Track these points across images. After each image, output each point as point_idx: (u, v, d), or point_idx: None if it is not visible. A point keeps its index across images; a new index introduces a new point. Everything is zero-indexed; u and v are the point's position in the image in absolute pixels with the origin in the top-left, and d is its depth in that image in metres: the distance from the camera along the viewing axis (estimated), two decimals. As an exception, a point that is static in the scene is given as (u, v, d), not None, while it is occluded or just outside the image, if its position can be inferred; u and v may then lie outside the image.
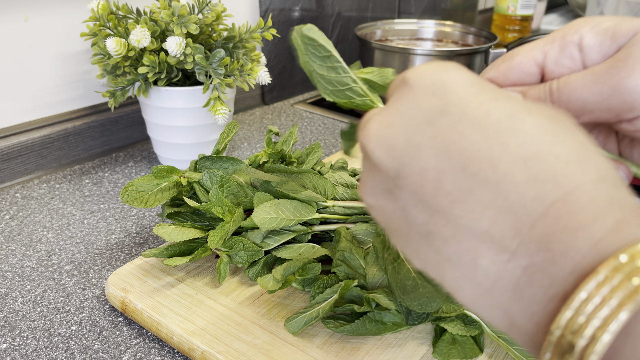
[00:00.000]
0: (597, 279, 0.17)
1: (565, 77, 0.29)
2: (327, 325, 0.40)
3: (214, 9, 0.64)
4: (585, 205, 0.19)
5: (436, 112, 0.21)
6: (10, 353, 0.41)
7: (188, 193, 0.50)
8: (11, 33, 0.64)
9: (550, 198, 0.19)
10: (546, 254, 0.19)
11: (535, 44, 0.31)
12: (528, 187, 0.19)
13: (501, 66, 0.31)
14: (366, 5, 1.13)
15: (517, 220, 0.19)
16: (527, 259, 0.19)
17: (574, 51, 0.30)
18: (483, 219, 0.20)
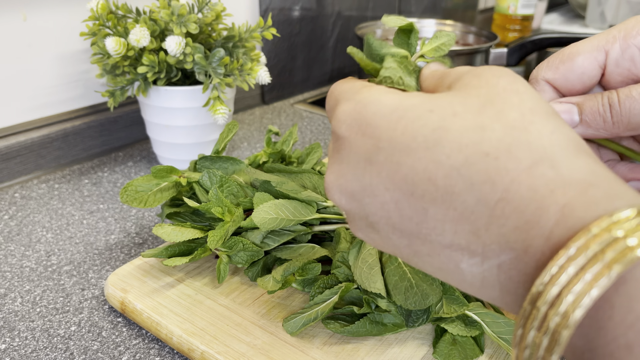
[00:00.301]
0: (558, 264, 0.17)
1: (626, 90, 0.28)
2: (327, 326, 0.40)
3: (213, 8, 0.64)
4: (526, 199, 0.19)
5: (372, 151, 0.22)
6: (10, 353, 0.41)
7: (187, 193, 0.50)
8: (10, 32, 0.64)
9: (492, 199, 0.19)
10: (510, 252, 0.19)
11: (595, 43, 0.30)
12: (468, 194, 0.20)
13: (561, 68, 0.30)
14: (366, 4, 1.13)
15: (472, 225, 0.20)
16: (496, 259, 0.20)
17: (635, 54, 0.29)
18: (445, 232, 0.21)
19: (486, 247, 0.20)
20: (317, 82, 1.06)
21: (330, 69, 1.09)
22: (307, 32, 1.00)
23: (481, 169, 0.20)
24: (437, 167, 0.21)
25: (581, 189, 0.18)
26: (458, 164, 0.20)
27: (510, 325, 0.38)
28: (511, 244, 0.19)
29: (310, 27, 1.00)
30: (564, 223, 0.18)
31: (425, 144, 0.21)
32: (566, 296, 0.17)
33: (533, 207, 0.19)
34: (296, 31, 0.97)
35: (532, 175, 0.19)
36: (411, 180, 0.21)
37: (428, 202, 0.21)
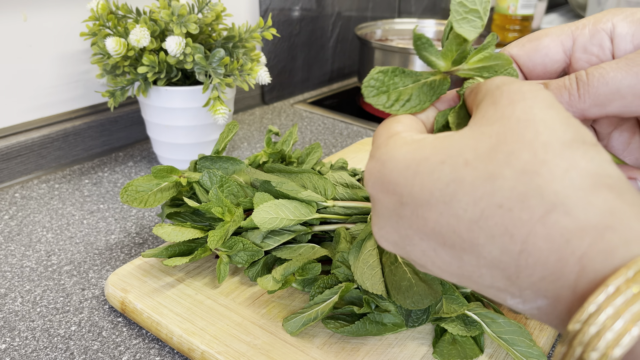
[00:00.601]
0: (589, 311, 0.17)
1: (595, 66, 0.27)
2: (327, 326, 0.40)
3: (213, 8, 0.64)
4: (545, 251, 0.19)
5: (398, 206, 0.23)
6: (10, 353, 0.41)
7: (188, 193, 0.50)
8: (10, 33, 0.64)
9: (514, 250, 0.20)
10: (544, 299, 0.20)
11: (564, 28, 0.30)
12: (492, 245, 0.20)
13: (527, 45, 0.30)
14: (366, 5, 1.13)
15: (504, 272, 0.20)
16: (534, 303, 0.20)
17: (604, 39, 0.29)
18: (483, 276, 0.21)
19: (522, 291, 0.20)
20: (317, 82, 1.06)
21: (330, 69, 1.09)
22: (307, 32, 1.00)
23: (498, 221, 0.20)
24: (458, 221, 0.21)
25: (597, 234, 0.18)
26: (476, 217, 0.20)
27: (509, 325, 0.38)
28: (543, 292, 0.19)
29: (310, 27, 1.00)
30: (585, 276, 0.18)
31: (443, 198, 0.21)
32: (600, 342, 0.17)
33: (553, 259, 0.19)
34: (296, 31, 0.97)
35: (546, 225, 0.19)
36: (439, 232, 0.22)
37: (460, 251, 0.21)
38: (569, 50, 0.29)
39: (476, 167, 0.20)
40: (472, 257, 0.21)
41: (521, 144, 0.20)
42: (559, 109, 0.21)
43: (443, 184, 0.21)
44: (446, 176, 0.21)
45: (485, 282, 0.21)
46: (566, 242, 0.18)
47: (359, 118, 0.91)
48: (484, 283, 0.22)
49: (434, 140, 0.23)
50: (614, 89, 0.26)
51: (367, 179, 0.25)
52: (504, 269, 0.20)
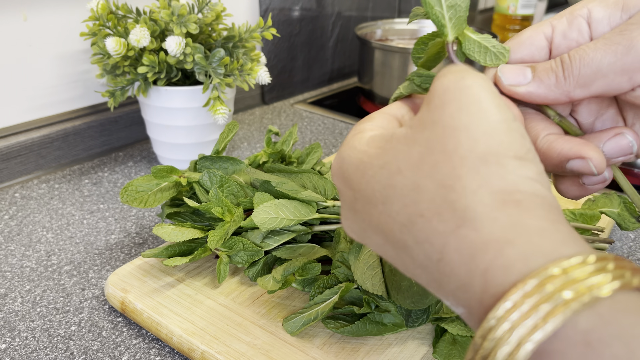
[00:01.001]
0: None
1: (575, 49, 0.28)
2: (327, 326, 0.40)
3: (213, 8, 0.64)
4: (456, 262, 0.20)
5: (352, 200, 0.25)
6: (10, 353, 0.41)
7: (188, 193, 0.50)
8: (10, 32, 0.64)
9: (434, 258, 0.21)
10: (462, 308, 0.21)
11: (543, 21, 0.31)
12: (417, 249, 0.22)
13: (511, 42, 0.31)
14: (366, 5, 1.13)
15: (431, 276, 0.22)
16: (457, 309, 0.21)
17: (582, 24, 0.29)
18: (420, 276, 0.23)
19: (447, 297, 0.21)
20: (317, 82, 1.06)
21: (330, 69, 1.09)
22: (307, 32, 1.00)
23: (420, 228, 0.21)
24: (393, 222, 0.23)
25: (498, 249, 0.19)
26: (404, 221, 0.22)
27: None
28: (460, 301, 0.20)
29: (310, 27, 1.00)
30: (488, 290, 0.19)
31: (382, 199, 0.23)
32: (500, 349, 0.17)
33: (464, 271, 0.20)
34: (296, 31, 0.97)
35: (458, 237, 0.20)
36: (382, 229, 0.23)
37: (398, 249, 0.23)
38: (550, 37, 0.30)
39: (406, 176, 0.22)
40: (406, 256, 0.22)
41: (443, 155, 0.21)
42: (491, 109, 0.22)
43: (381, 186, 0.23)
44: (384, 180, 0.23)
45: (422, 281, 0.23)
46: (472, 256, 0.19)
47: (359, 118, 0.91)
48: (422, 282, 0.23)
49: (381, 142, 0.24)
50: (595, 68, 0.27)
51: (332, 172, 0.27)
52: (431, 273, 0.21)
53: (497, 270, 0.19)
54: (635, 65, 0.27)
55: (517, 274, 0.18)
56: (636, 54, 0.26)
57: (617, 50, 0.27)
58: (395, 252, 0.23)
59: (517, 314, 0.17)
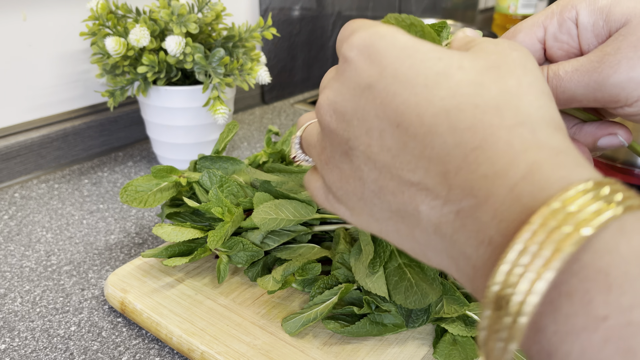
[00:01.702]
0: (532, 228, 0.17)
1: (554, 67, 0.31)
2: (327, 326, 0.40)
3: (213, 8, 0.63)
4: (500, 152, 0.20)
5: (374, 77, 0.23)
6: (10, 354, 0.41)
7: (187, 193, 0.50)
8: (10, 32, 0.64)
9: (470, 146, 0.20)
10: (472, 199, 0.20)
11: (535, 19, 0.33)
12: (450, 136, 0.21)
13: None
14: (366, 4, 1.13)
15: (443, 167, 0.21)
16: (457, 204, 0.20)
17: (571, 27, 0.32)
18: (418, 169, 0.22)
19: (451, 190, 0.21)
20: (317, 82, 1.06)
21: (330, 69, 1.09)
22: (307, 32, 1.00)
23: (468, 116, 0.21)
24: (428, 105, 0.22)
25: (553, 153, 0.19)
26: (449, 106, 0.21)
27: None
28: (475, 191, 0.20)
29: (310, 27, 1.00)
30: (530, 177, 0.19)
31: (425, 82, 0.22)
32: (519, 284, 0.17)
33: (505, 160, 0.20)
34: (296, 31, 0.97)
35: (511, 133, 0.20)
36: (401, 112, 0.22)
37: (410, 136, 0.22)
38: (542, 39, 0.33)
39: (468, 73, 0.22)
40: (419, 144, 0.22)
41: (511, 74, 0.22)
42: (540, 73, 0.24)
43: (432, 72, 0.22)
44: (438, 68, 0.22)
45: (413, 177, 0.22)
46: (524, 151, 0.20)
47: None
48: (411, 179, 0.22)
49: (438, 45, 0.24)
50: (570, 96, 0.31)
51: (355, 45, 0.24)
52: (446, 163, 0.21)
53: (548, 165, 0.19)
54: (606, 98, 0.30)
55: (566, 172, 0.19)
56: (606, 91, 0.29)
57: (589, 85, 0.30)
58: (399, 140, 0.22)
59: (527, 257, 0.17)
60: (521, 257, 0.17)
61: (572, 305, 0.16)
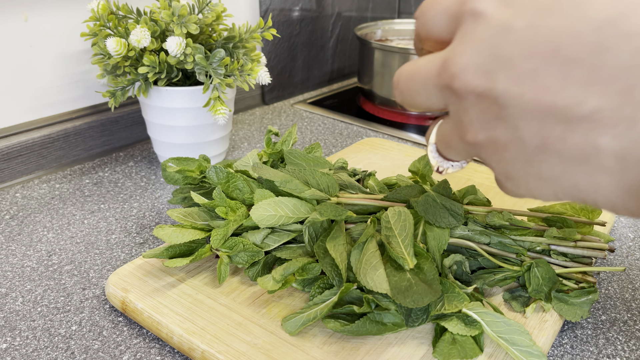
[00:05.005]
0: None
1: None
2: (327, 325, 0.40)
3: (214, 9, 0.64)
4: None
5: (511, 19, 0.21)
6: (11, 353, 0.41)
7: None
8: (11, 33, 0.65)
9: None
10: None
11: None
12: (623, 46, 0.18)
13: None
14: (366, 5, 1.13)
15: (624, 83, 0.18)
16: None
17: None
18: (589, 97, 0.19)
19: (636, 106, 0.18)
20: (317, 83, 1.07)
21: (330, 69, 1.09)
22: (307, 33, 1.00)
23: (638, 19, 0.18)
24: (585, 23, 0.19)
25: None
26: (611, 16, 0.19)
27: (509, 325, 0.38)
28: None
29: (310, 28, 1.00)
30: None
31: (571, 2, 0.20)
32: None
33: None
34: (296, 31, 0.97)
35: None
36: (553, 41, 0.20)
37: (572, 64, 0.19)
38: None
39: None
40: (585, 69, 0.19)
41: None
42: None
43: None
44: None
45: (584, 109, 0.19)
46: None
47: (359, 118, 0.91)
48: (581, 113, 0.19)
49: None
50: None
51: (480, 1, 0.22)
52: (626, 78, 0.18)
53: None
54: None
55: None
56: None
57: None
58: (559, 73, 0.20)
59: None
60: None
61: None
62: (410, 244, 0.41)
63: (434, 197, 0.45)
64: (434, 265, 0.40)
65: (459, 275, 0.44)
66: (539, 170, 0.22)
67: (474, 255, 0.45)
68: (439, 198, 0.45)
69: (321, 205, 0.44)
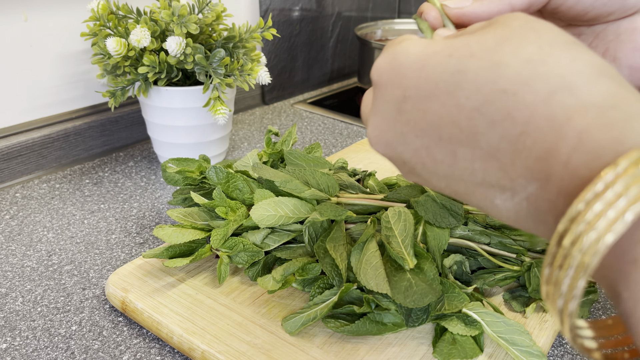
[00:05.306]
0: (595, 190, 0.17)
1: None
2: (327, 325, 0.40)
3: (214, 8, 0.64)
4: (545, 129, 0.19)
5: (400, 100, 0.24)
6: (11, 353, 0.41)
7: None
8: (11, 33, 0.65)
9: (514, 134, 0.20)
10: (535, 183, 0.20)
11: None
12: (491, 132, 0.20)
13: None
14: (366, 5, 1.13)
15: (499, 162, 0.21)
16: (524, 192, 0.20)
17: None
18: (476, 171, 0.22)
19: (514, 181, 0.20)
20: (317, 83, 1.07)
21: (330, 69, 1.09)
22: (307, 33, 1.00)
23: (500, 106, 0.20)
24: (459, 110, 0.21)
25: (599, 112, 0.18)
26: (478, 104, 0.21)
27: (509, 325, 0.38)
28: (535, 175, 0.20)
29: (310, 28, 1.00)
30: (581, 147, 0.18)
31: (447, 88, 0.22)
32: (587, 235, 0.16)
33: (552, 136, 0.19)
34: (296, 31, 0.97)
35: (550, 105, 0.19)
36: (437, 125, 0.22)
37: (455, 145, 0.22)
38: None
39: (481, 58, 0.21)
40: (467, 149, 0.21)
41: (526, 41, 0.21)
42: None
43: (448, 74, 0.22)
44: (452, 67, 0.22)
45: (475, 179, 0.22)
46: (568, 119, 0.19)
47: (359, 118, 0.91)
48: (474, 180, 0.22)
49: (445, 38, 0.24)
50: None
51: (375, 71, 0.25)
52: (500, 158, 0.20)
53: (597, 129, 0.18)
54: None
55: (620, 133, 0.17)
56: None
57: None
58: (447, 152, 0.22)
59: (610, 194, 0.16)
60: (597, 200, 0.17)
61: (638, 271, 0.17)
62: (410, 244, 0.41)
63: (434, 197, 0.45)
64: (434, 265, 0.40)
65: (459, 275, 0.44)
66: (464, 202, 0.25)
67: (474, 255, 0.45)
68: (439, 198, 0.45)
69: (321, 205, 0.44)
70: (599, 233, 0.16)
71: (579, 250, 0.17)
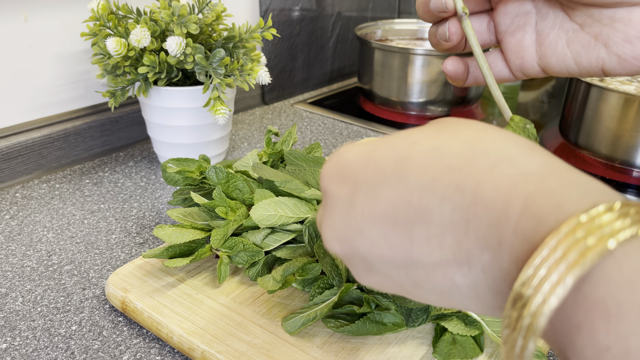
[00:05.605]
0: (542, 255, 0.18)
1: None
2: (327, 325, 0.40)
3: (214, 8, 0.64)
4: (493, 196, 0.20)
5: (351, 194, 0.24)
6: (11, 353, 0.41)
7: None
8: (11, 33, 0.65)
9: (465, 205, 0.21)
10: (488, 251, 0.20)
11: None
12: (443, 206, 0.21)
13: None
14: (366, 5, 1.13)
15: (453, 235, 0.21)
16: (480, 262, 0.21)
17: None
18: (433, 249, 0.22)
19: (469, 253, 0.21)
20: (317, 83, 1.07)
21: (330, 69, 1.09)
22: (307, 33, 1.00)
23: (449, 181, 0.21)
24: (410, 191, 0.22)
25: (539, 180, 0.20)
26: (427, 181, 0.22)
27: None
28: (488, 242, 0.20)
29: (310, 28, 1.00)
30: (527, 212, 0.19)
31: (394, 174, 0.23)
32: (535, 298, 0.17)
33: (500, 203, 0.20)
34: (296, 31, 0.97)
35: (494, 175, 0.21)
36: (391, 210, 0.23)
37: (411, 226, 0.22)
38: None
39: (422, 144, 0.23)
40: (422, 228, 0.22)
41: (461, 129, 0.23)
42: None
43: (393, 162, 0.23)
44: (396, 155, 0.23)
45: (433, 257, 0.22)
46: (513, 186, 0.20)
47: (359, 118, 0.91)
48: (433, 260, 0.22)
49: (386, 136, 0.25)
50: None
51: (323, 179, 0.26)
52: (454, 231, 0.21)
53: (539, 195, 0.19)
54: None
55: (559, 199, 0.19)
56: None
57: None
58: (403, 235, 0.23)
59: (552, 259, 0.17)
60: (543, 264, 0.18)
61: (581, 337, 0.17)
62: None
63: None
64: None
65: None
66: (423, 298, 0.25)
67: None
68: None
69: None
70: (544, 296, 0.17)
71: (529, 314, 0.17)
